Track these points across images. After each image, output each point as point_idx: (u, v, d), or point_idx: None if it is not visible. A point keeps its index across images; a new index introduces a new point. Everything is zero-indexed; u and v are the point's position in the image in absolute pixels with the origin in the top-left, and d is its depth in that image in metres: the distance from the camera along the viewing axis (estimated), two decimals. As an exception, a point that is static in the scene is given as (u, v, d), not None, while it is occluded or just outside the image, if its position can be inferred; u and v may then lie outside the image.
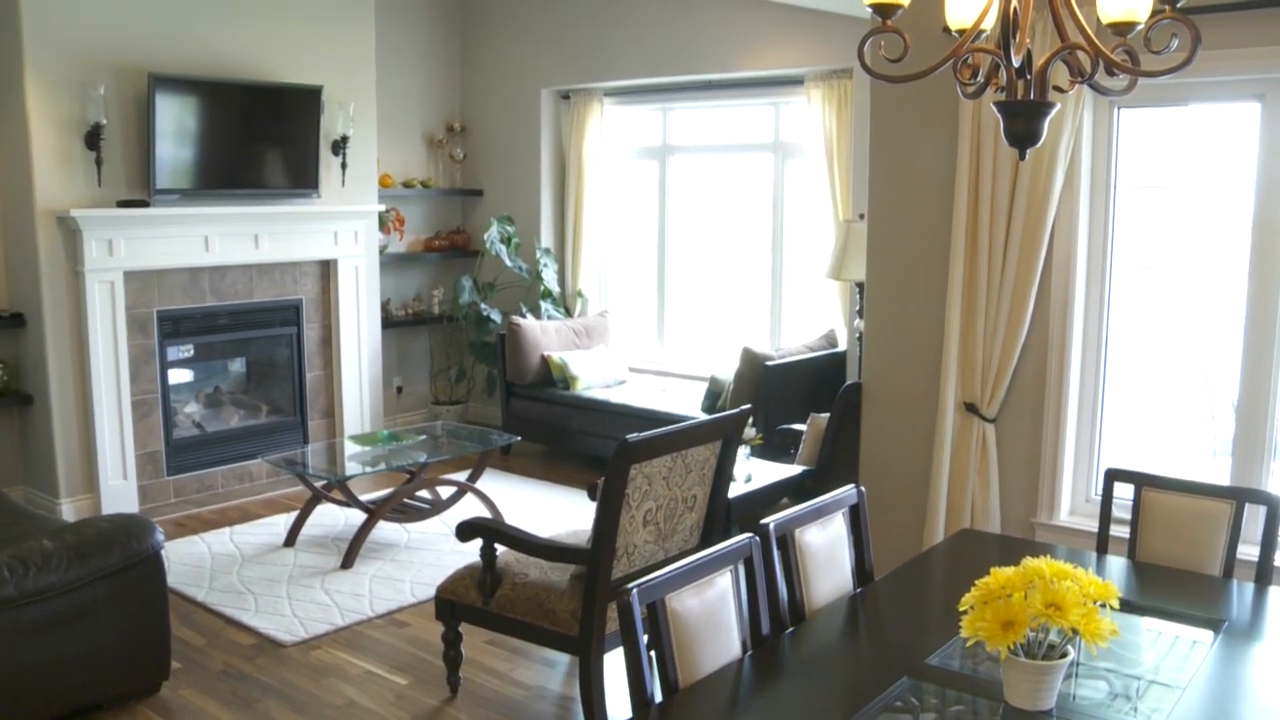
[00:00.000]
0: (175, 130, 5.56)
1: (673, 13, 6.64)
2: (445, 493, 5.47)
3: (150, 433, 5.77)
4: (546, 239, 7.53)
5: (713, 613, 2.36)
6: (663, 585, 2.26)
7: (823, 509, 2.85)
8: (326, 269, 6.45)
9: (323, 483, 5.17)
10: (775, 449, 4.92)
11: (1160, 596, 2.75)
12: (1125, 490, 3.14)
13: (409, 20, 7.42)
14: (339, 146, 6.37)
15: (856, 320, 5.60)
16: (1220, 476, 3.78)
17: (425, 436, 5.66)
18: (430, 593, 4.27)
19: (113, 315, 5.49)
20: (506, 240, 7.24)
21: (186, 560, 5.01)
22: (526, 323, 6.83)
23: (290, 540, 5.23)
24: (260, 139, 5.97)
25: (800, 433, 4.85)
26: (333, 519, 5.54)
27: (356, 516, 5.30)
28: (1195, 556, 2.97)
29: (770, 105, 6.66)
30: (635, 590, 2.18)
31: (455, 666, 3.71)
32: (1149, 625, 2.55)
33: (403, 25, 7.35)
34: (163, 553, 3.58)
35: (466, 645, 3.79)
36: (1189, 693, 2.17)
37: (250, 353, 6.47)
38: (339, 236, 6.44)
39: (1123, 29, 2.07)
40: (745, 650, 2.43)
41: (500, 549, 3.54)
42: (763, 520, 2.65)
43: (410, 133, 7.54)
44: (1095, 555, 3.06)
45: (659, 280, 7.36)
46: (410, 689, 3.80)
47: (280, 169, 6.07)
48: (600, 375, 6.75)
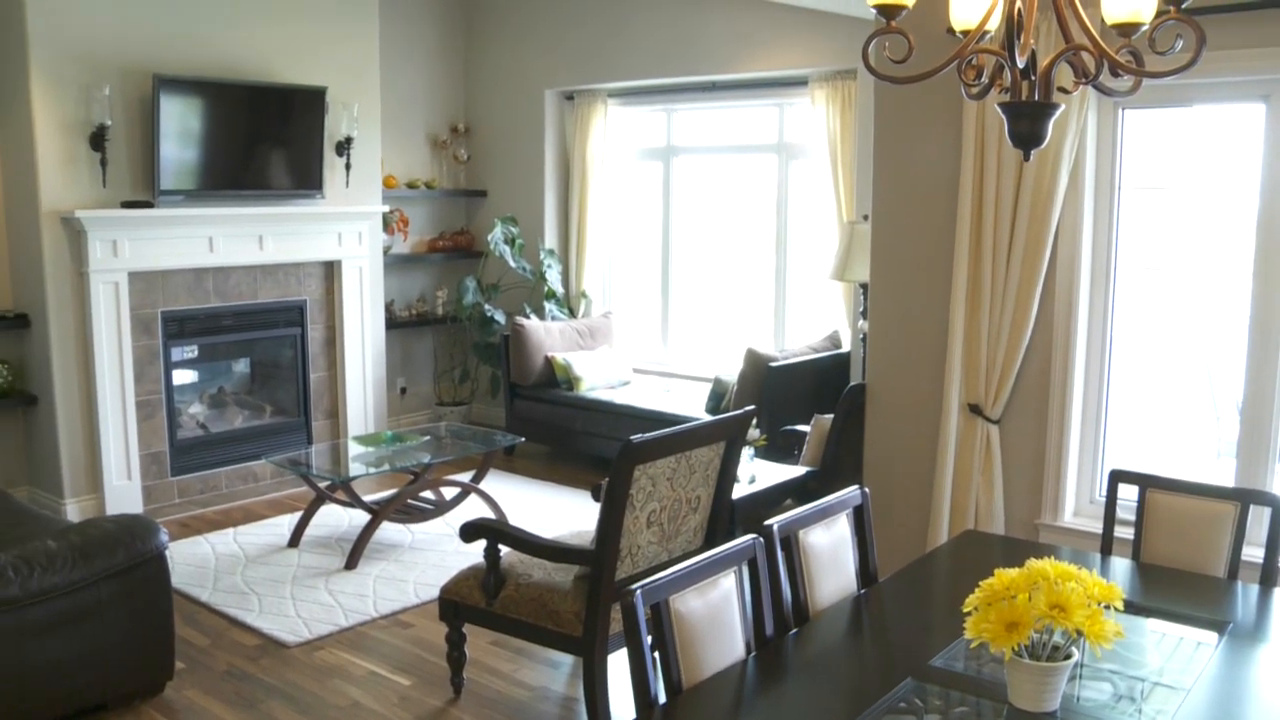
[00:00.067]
0: (180, 131, 5.57)
1: (677, 14, 6.64)
2: (449, 493, 5.47)
3: (154, 433, 5.78)
4: (550, 240, 7.53)
5: (716, 614, 2.36)
6: (666, 586, 2.26)
7: (827, 510, 2.85)
8: (331, 270, 6.46)
9: (327, 483, 5.18)
10: (779, 450, 4.92)
11: (1165, 598, 2.75)
12: (1129, 491, 3.13)
13: (413, 21, 7.43)
14: (343, 147, 6.37)
15: (860, 321, 5.59)
16: (1225, 478, 3.78)
17: (429, 437, 5.66)
18: (434, 593, 4.28)
19: (117, 316, 5.50)
20: (510, 241, 7.24)
21: (190, 561, 5.02)
22: (530, 324, 6.83)
23: (294, 541, 5.24)
24: (264, 140, 5.98)
25: (804, 434, 4.85)
26: (336, 520, 5.54)
27: (360, 517, 5.31)
28: (1200, 558, 2.97)
29: (774, 106, 6.66)
30: (639, 591, 2.18)
31: (459, 667, 3.71)
32: (1153, 627, 2.54)
33: (407, 26, 7.35)
34: (167, 553, 3.59)
35: (470, 646, 3.79)
36: (1193, 694, 2.16)
37: (254, 353, 6.47)
38: (343, 237, 6.44)
39: (1127, 30, 2.07)
40: (749, 651, 2.43)
41: (504, 550, 3.54)
42: (766, 521, 2.65)
43: (414, 133, 7.55)
44: (1099, 556, 3.05)
45: (663, 281, 7.36)
46: (414, 690, 3.80)
47: (284, 170, 6.08)
48: (604, 376, 6.75)
